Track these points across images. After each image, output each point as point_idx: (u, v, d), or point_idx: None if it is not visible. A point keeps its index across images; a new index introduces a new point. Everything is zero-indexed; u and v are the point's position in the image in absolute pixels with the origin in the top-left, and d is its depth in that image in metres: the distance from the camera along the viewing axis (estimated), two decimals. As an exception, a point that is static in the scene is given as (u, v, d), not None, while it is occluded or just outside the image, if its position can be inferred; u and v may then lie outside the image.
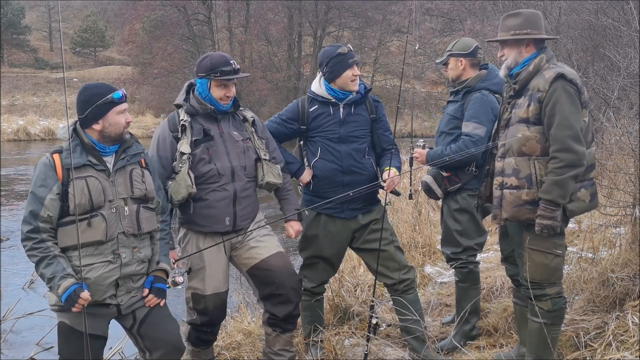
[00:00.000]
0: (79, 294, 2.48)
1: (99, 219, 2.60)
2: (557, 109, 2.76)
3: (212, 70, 3.03)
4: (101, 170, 2.65)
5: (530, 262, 2.92)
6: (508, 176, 2.92)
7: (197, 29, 32.79)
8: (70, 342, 2.62)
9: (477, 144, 3.43)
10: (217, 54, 3.13)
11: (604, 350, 3.10)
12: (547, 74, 2.83)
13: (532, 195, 2.84)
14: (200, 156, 3.05)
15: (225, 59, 3.08)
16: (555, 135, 2.76)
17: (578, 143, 2.75)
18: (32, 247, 2.54)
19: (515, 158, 2.90)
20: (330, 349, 3.57)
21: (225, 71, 3.03)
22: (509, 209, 2.92)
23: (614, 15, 7.83)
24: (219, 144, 3.11)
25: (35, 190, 2.57)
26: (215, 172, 3.06)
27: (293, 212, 3.35)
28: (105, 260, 2.63)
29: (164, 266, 2.85)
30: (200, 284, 3.12)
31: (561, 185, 2.75)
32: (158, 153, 3.09)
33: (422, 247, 5.89)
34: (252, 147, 3.19)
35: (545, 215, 2.78)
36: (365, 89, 3.46)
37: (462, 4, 20.00)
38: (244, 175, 3.14)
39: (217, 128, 3.14)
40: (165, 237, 2.92)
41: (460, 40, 3.74)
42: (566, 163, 2.74)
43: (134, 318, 2.76)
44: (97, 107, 2.62)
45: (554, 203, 2.77)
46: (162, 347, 2.76)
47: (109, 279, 2.63)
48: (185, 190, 2.98)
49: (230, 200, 3.11)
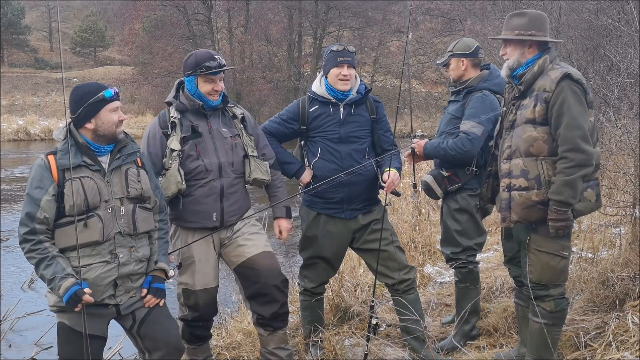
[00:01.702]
0: (80, 296, 2.48)
1: (95, 220, 2.60)
2: (564, 109, 2.75)
3: (197, 66, 3.08)
4: (96, 171, 2.65)
5: (536, 263, 2.91)
6: (516, 177, 2.90)
7: (197, 29, 32.82)
8: (70, 343, 2.62)
9: (473, 142, 3.43)
10: (201, 51, 3.19)
11: (604, 350, 3.10)
12: (552, 74, 2.82)
13: (542, 196, 2.83)
14: (189, 152, 3.10)
15: (209, 55, 3.13)
16: (564, 136, 2.75)
17: (587, 143, 2.75)
18: (30, 249, 2.54)
19: (523, 159, 2.88)
20: (330, 349, 3.57)
21: (210, 66, 3.07)
22: (518, 210, 2.90)
23: (614, 15, 7.83)
24: (207, 140, 3.14)
25: (31, 192, 2.57)
26: (202, 168, 3.11)
27: (281, 209, 3.37)
28: (103, 261, 2.63)
29: (163, 266, 2.85)
30: (190, 280, 3.15)
31: (571, 185, 2.74)
32: (148, 149, 3.13)
33: (422, 247, 5.89)
34: (240, 143, 3.21)
35: (558, 218, 2.77)
36: (365, 89, 3.46)
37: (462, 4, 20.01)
38: (231, 171, 3.17)
39: (206, 125, 3.18)
40: (164, 236, 2.92)
41: (461, 40, 3.73)
42: (576, 163, 2.73)
43: (133, 318, 2.76)
44: (89, 105, 2.62)
45: (565, 204, 2.76)
46: (162, 347, 2.76)
47: (107, 279, 2.63)
48: (175, 187, 3.03)
49: (217, 196, 3.14)
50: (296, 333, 3.94)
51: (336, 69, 3.32)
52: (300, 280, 3.67)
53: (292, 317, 4.29)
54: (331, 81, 3.36)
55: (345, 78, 3.32)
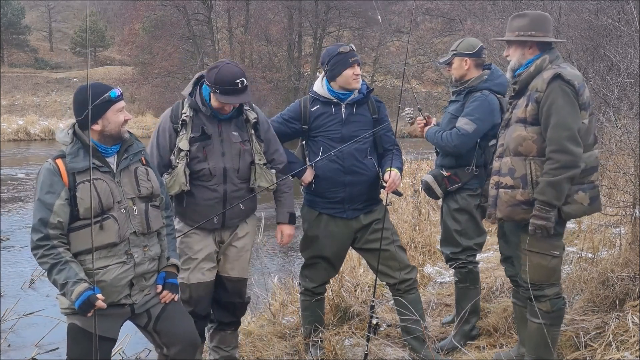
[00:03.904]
0: (93, 302, 2.46)
1: (111, 221, 2.59)
2: (553, 109, 2.76)
3: (215, 84, 3.03)
4: (106, 172, 2.64)
5: (528, 263, 2.91)
6: (504, 175, 2.92)
7: (197, 29, 32.79)
8: (80, 344, 2.61)
9: (461, 138, 3.47)
10: (227, 69, 3.04)
11: (604, 350, 3.10)
12: (545, 74, 2.82)
13: (527, 196, 2.84)
14: (196, 154, 3.10)
15: (231, 78, 3.00)
16: (551, 136, 2.75)
17: (574, 144, 2.73)
18: (43, 255, 2.51)
19: (511, 158, 2.90)
20: (330, 349, 3.58)
21: (226, 90, 3.01)
22: (503, 208, 2.92)
23: (614, 15, 7.83)
24: (216, 144, 3.14)
25: (42, 197, 2.53)
26: (207, 171, 3.12)
27: (285, 215, 3.39)
28: (120, 262, 2.62)
29: (175, 261, 2.87)
30: (186, 273, 3.17)
31: (556, 186, 2.74)
32: (158, 141, 3.15)
33: (422, 247, 5.90)
34: (249, 150, 3.21)
35: (539, 216, 2.78)
36: (367, 89, 3.46)
37: (462, 4, 20.00)
38: (236, 177, 3.18)
39: (217, 127, 3.17)
40: (172, 232, 2.94)
41: (465, 39, 3.73)
42: (562, 164, 2.73)
43: (148, 316, 2.76)
44: (95, 107, 2.58)
45: (548, 204, 2.77)
46: (179, 342, 2.78)
47: (124, 280, 2.64)
48: (178, 187, 3.07)
49: (220, 200, 3.16)
50: (296, 333, 3.95)
51: (349, 70, 3.33)
52: (301, 280, 3.67)
53: (292, 317, 4.30)
54: (344, 82, 3.35)
55: (358, 76, 3.36)
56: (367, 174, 3.41)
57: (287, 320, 4.27)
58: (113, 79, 32.81)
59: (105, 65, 44.05)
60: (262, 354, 3.72)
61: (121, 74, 36.34)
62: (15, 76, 39.99)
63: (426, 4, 24.96)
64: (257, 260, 6.50)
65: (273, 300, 4.69)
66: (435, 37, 25.54)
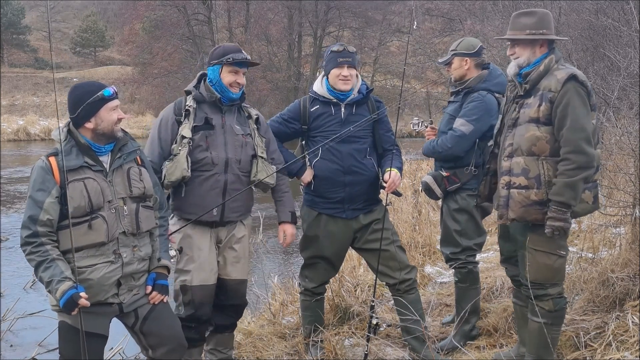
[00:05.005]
0: (76, 300, 2.46)
1: (100, 221, 2.59)
2: (569, 110, 2.76)
3: (224, 55, 3.12)
4: (98, 171, 2.63)
5: (533, 262, 2.91)
6: (516, 176, 2.90)
7: (197, 29, 32.78)
8: (71, 341, 2.61)
9: (457, 139, 3.48)
10: (229, 44, 3.31)
11: (604, 350, 3.10)
12: (559, 74, 2.82)
13: (541, 196, 2.84)
14: (198, 142, 3.11)
15: (237, 48, 3.22)
16: (567, 137, 2.76)
17: (589, 145, 2.75)
18: (30, 252, 2.52)
19: (524, 157, 2.89)
20: (330, 349, 3.58)
21: (236, 58, 3.12)
22: (516, 209, 2.90)
23: (614, 15, 7.84)
24: (219, 134, 3.16)
25: (34, 195, 2.54)
26: (209, 160, 3.12)
27: (287, 214, 3.38)
28: (107, 261, 2.62)
29: (165, 262, 2.86)
30: (188, 275, 3.15)
31: (573, 187, 2.75)
32: (159, 134, 3.15)
33: (422, 247, 5.90)
34: (251, 143, 3.22)
35: (556, 217, 2.78)
36: (367, 89, 3.46)
37: (462, 4, 20.02)
38: (237, 168, 3.18)
39: (220, 118, 3.19)
40: (164, 232, 2.93)
41: (464, 39, 3.73)
42: (578, 165, 2.74)
43: (136, 316, 2.76)
44: (88, 105, 2.60)
45: (565, 205, 2.77)
46: (166, 343, 2.77)
47: (112, 279, 2.63)
48: (180, 173, 3.04)
49: (220, 190, 3.15)
50: (296, 333, 3.95)
51: (336, 70, 3.33)
52: (301, 280, 3.67)
53: (292, 317, 4.30)
54: (331, 81, 3.37)
55: (346, 79, 3.33)
56: (366, 174, 3.41)
57: (287, 320, 4.27)
58: (113, 79, 32.84)
59: (105, 65, 44.08)
60: (262, 354, 3.72)
61: (121, 74, 36.35)
62: (15, 76, 40.00)
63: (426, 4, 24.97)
64: (257, 260, 6.50)
65: (273, 300, 4.69)
66: (435, 37, 25.55)
